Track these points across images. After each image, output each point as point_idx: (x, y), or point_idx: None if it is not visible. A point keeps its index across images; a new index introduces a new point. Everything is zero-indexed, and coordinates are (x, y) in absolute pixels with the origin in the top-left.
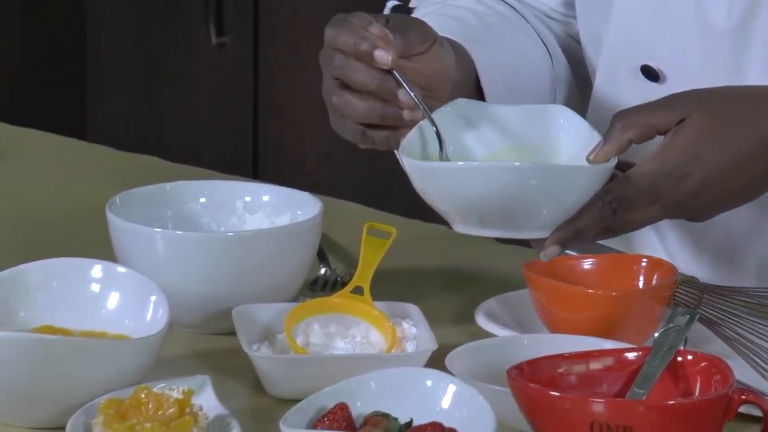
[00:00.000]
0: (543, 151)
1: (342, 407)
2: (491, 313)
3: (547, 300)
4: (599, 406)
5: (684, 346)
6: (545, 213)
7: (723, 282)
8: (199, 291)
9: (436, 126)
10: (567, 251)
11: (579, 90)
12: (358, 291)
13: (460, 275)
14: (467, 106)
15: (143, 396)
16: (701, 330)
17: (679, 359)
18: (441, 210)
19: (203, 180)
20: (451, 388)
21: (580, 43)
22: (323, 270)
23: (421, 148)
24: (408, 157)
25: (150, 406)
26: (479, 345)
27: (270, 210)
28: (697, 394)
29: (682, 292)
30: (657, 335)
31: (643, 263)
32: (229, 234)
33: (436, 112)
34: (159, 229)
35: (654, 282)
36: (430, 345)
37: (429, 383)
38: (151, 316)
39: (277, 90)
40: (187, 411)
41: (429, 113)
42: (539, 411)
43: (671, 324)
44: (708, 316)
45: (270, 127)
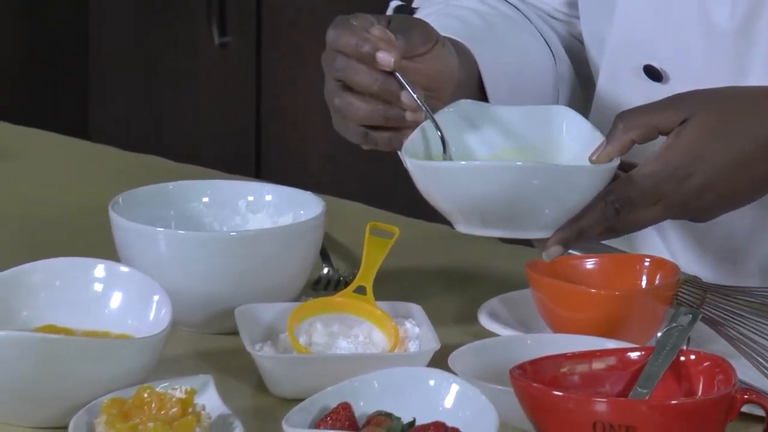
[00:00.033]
0: (545, 152)
1: (345, 407)
2: (494, 313)
3: (550, 300)
4: (602, 405)
5: (687, 345)
6: (548, 213)
7: (726, 282)
8: (202, 290)
9: (439, 128)
10: (570, 251)
11: (582, 90)
12: (360, 291)
13: (462, 275)
14: (470, 106)
15: (146, 395)
16: (704, 330)
17: (682, 359)
18: (444, 210)
19: (206, 179)
20: (454, 387)
21: (583, 43)
22: (326, 270)
23: (424, 148)
24: (411, 158)
25: (153, 405)
26: (482, 345)
27: (273, 210)
28: (700, 393)
29: (684, 291)
30: (660, 335)
31: (646, 263)
32: (232, 234)
33: (438, 113)
34: (162, 229)
35: (657, 282)
36: (432, 345)
37: (432, 383)
38: (154, 315)
39: (280, 90)
40: (190, 411)
41: (432, 115)
42: (542, 411)
43: (674, 324)
44: (711, 315)
45: (273, 128)
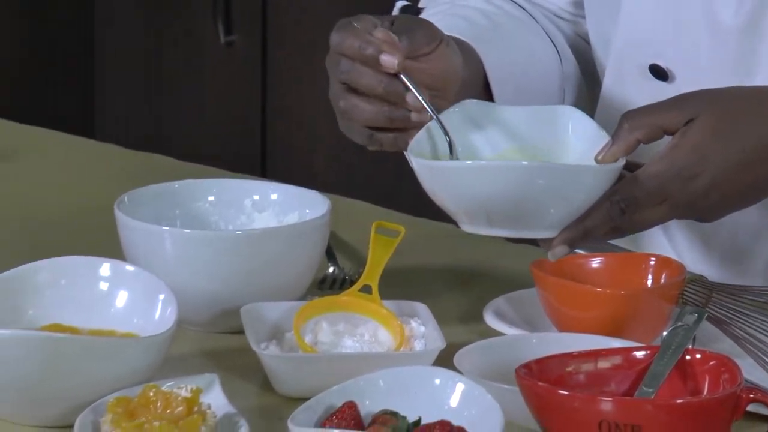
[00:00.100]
0: (551, 152)
1: (350, 406)
2: (499, 312)
3: (556, 299)
4: (608, 404)
5: (692, 344)
6: (553, 213)
7: (731, 281)
8: (208, 289)
9: (444, 128)
10: (575, 250)
11: (588, 90)
12: (366, 289)
13: (468, 274)
14: (475, 107)
15: (151, 394)
16: (710, 329)
17: (688, 358)
18: (449, 209)
19: (212, 178)
20: (460, 386)
21: (589, 43)
22: (331, 268)
23: (430, 148)
24: (416, 157)
25: (158, 404)
26: (487, 344)
27: (278, 208)
28: (706, 392)
29: (690, 290)
30: (665, 334)
31: (652, 262)
32: (238, 232)
33: (444, 113)
34: (167, 228)
35: (662, 281)
36: (438, 343)
37: (437, 382)
38: (160, 314)
39: (286, 89)
40: (196, 409)
41: (437, 116)
42: (548, 410)
43: (680, 323)
44: (716, 314)
45: (278, 127)
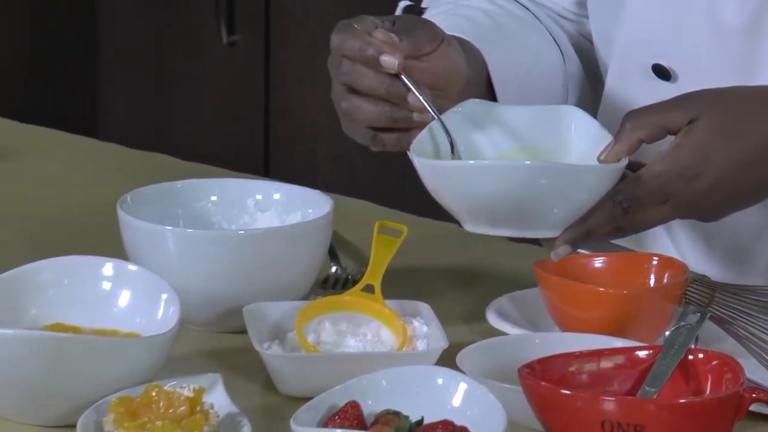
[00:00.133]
0: (554, 152)
1: (353, 405)
2: (502, 312)
3: (558, 298)
4: (610, 404)
5: (695, 344)
6: (556, 212)
7: (734, 281)
8: (210, 289)
9: (446, 128)
10: (578, 250)
11: (591, 89)
12: (369, 289)
13: (471, 273)
14: (478, 106)
15: (154, 394)
16: (712, 328)
17: (690, 358)
18: (452, 209)
19: (214, 178)
20: (462, 386)
21: (592, 43)
22: (334, 268)
23: (432, 148)
24: (419, 157)
25: (161, 404)
26: (490, 343)
27: (281, 208)
28: (708, 392)
29: (693, 290)
30: (668, 333)
31: (654, 262)
32: (241, 232)
33: (447, 113)
34: (170, 227)
35: (665, 280)
36: (441, 343)
37: (440, 381)
38: (162, 314)
39: (288, 89)
40: (198, 409)
41: (438, 116)
42: (550, 409)
43: (682, 322)
44: (719, 314)
45: (281, 127)
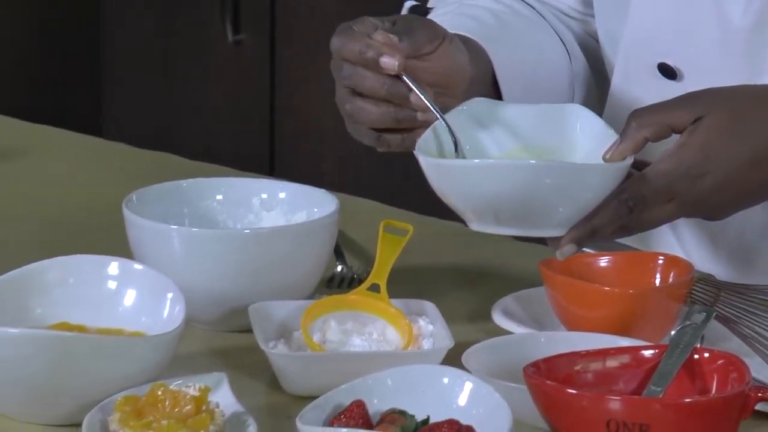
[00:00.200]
0: (559, 151)
1: (358, 404)
2: (508, 311)
3: (564, 297)
4: (616, 403)
5: (700, 343)
6: (561, 211)
7: (740, 280)
8: (216, 288)
9: (449, 126)
10: (583, 249)
11: (597, 88)
12: (374, 288)
13: (476, 273)
14: (483, 105)
15: (160, 393)
16: (718, 328)
17: (696, 357)
18: (457, 208)
19: (220, 177)
20: (468, 385)
21: (598, 42)
22: (340, 267)
23: (437, 147)
24: (424, 156)
25: (166, 403)
26: (496, 342)
27: (286, 207)
28: (714, 391)
29: (698, 289)
30: (673, 333)
31: (660, 261)
32: (246, 231)
33: (451, 111)
34: (175, 226)
35: (671, 280)
36: (446, 342)
37: (445, 380)
38: (168, 313)
39: (294, 88)
40: (204, 408)
41: (441, 115)
42: (556, 408)
43: (688, 321)
44: (724, 313)
45: (286, 126)
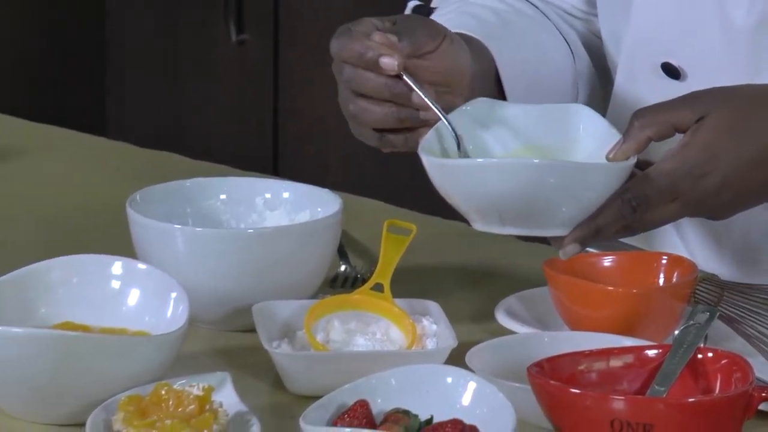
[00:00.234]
0: (562, 150)
1: (362, 404)
2: (511, 311)
3: (568, 297)
4: (619, 403)
5: (704, 343)
6: (564, 211)
7: (744, 280)
8: (219, 288)
9: (451, 125)
10: (587, 249)
11: (601, 87)
12: (378, 288)
13: (480, 272)
14: (486, 105)
15: (163, 393)
16: (721, 327)
17: (700, 357)
18: (460, 208)
19: (223, 177)
20: (472, 385)
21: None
22: (343, 267)
23: (440, 146)
24: (427, 156)
25: (170, 402)
26: (499, 342)
27: (290, 207)
28: (717, 391)
29: (702, 289)
30: (677, 333)
31: (664, 260)
32: (249, 231)
33: (454, 112)
34: (179, 226)
35: (674, 279)
36: (450, 342)
37: (449, 380)
38: (172, 312)
39: (297, 89)
40: (207, 408)
41: (442, 113)
42: (559, 408)
43: (691, 321)
44: (728, 313)
45: (290, 126)
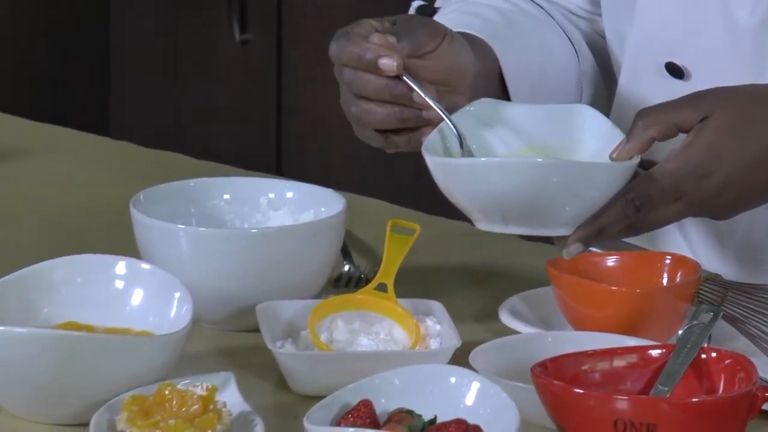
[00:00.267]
0: (565, 150)
1: (366, 404)
2: (515, 311)
3: (571, 297)
4: (623, 403)
5: (708, 343)
6: (568, 210)
7: (747, 280)
8: (223, 288)
9: (453, 124)
10: (590, 248)
11: (606, 87)
12: (381, 288)
13: (483, 272)
14: (489, 105)
15: (167, 393)
16: (725, 327)
17: (703, 356)
18: (464, 207)
19: (227, 177)
20: (475, 385)
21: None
22: (347, 267)
23: (444, 146)
24: (430, 155)
25: (174, 402)
26: (503, 342)
27: (294, 207)
28: (721, 391)
29: (705, 289)
30: (681, 332)
31: (667, 260)
32: (253, 231)
33: (458, 112)
34: (183, 226)
35: (678, 279)
36: (453, 342)
37: (453, 380)
38: (175, 312)
39: (301, 88)
40: (211, 408)
41: (444, 112)
42: (563, 408)
43: (695, 321)
44: (732, 313)
45: (293, 125)
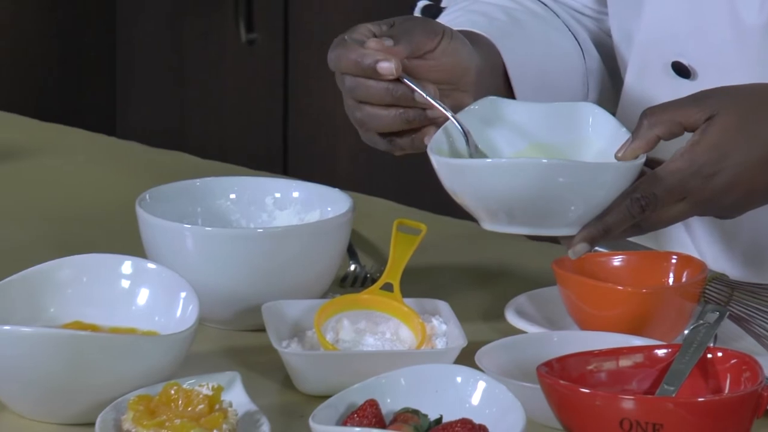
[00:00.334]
0: (571, 149)
1: (372, 404)
2: (521, 310)
3: (577, 297)
4: (629, 403)
5: (714, 343)
6: (573, 210)
7: (753, 279)
8: (229, 287)
9: (458, 121)
10: (596, 248)
11: (612, 85)
12: (387, 287)
13: (489, 272)
14: (494, 104)
15: (173, 392)
16: (731, 327)
17: (709, 356)
18: (469, 207)
19: (233, 176)
20: (481, 384)
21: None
22: (353, 266)
23: (449, 145)
24: (436, 155)
25: (180, 402)
26: (509, 342)
27: (300, 206)
28: (727, 391)
29: (711, 288)
30: (687, 332)
31: (673, 260)
32: (259, 230)
33: (462, 111)
34: (189, 225)
35: (684, 279)
36: (459, 342)
37: (459, 380)
38: (181, 312)
39: (307, 88)
40: (217, 407)
41: (447, 110)
42: (569, 408)
43: (701, 321)
44: (738, 313)
45: (300, 125)
